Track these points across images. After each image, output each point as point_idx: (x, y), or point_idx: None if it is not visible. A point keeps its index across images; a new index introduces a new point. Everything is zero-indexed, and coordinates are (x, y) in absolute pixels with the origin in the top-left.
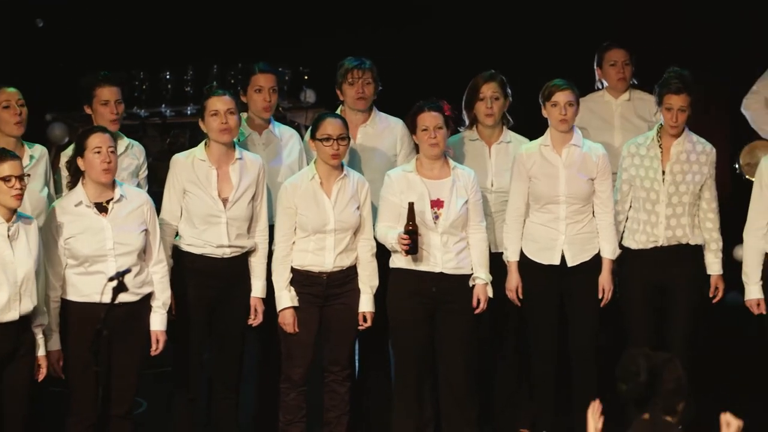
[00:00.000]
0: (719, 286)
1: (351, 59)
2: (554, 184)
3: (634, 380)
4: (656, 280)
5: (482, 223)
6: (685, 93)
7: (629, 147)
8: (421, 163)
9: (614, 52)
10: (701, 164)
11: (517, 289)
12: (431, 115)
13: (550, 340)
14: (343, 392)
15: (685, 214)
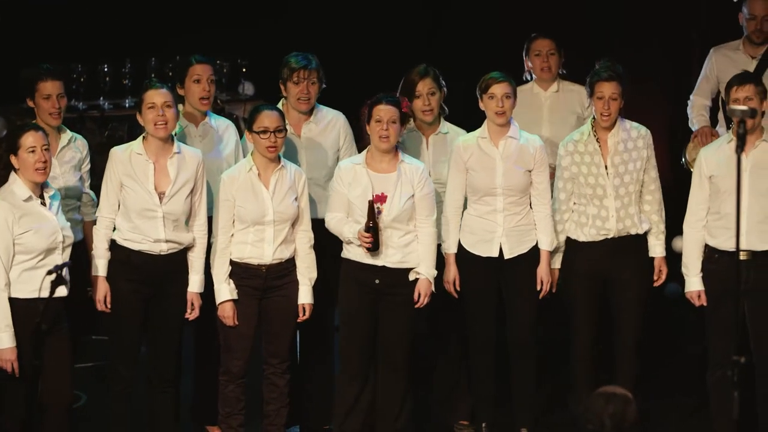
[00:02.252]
0: (662, 269)
1: (297, 57)
2: (491, 176)
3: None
4: (602, 271)
5: (430, 217)
6: (616, 81)
7: (566, 145)
8: (372, 155)
9: (539, 41)
10: (639, 149)
11: (455, 282)
12: (387, 108)
13: (489, 332)
14: (282, 385)
15: (632, 203)
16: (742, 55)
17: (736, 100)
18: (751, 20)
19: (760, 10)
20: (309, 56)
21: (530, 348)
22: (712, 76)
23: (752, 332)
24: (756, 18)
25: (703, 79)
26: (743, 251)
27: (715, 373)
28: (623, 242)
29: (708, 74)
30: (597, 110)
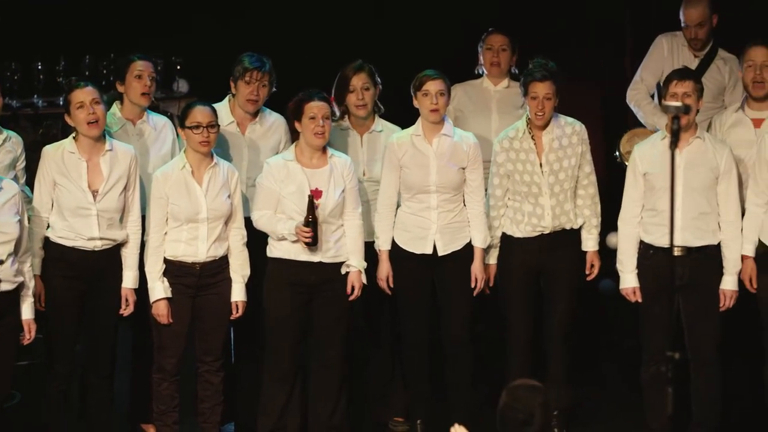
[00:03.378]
0: (594, 263)
1: (252, 58)
2: (425, 173)
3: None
4: (537, 266)
5: (358, 209)
6: (549, 81)
7: (502, 142)
8: (301, 151)
9: (493, 37)
10: (574, 146)
11: (388, 278)
12: (320, 104)
13: (423, 328)
14: (216, 382)
15: (567, 200)
16: (687, 53)
17: (673, 95)
18: (686, 29)
19: (692, 19)
20: (263, 59)
21: (465, 345)
22: (661, 60)
23: (686, 328)
24: (690, 27)
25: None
26: (678, 247)
27: (649, 368)
28: (558, 236)
29: (657, 59)
30: (531, 110)
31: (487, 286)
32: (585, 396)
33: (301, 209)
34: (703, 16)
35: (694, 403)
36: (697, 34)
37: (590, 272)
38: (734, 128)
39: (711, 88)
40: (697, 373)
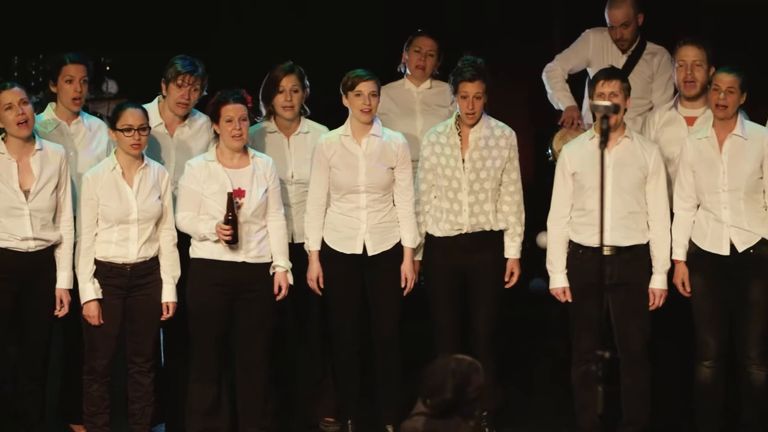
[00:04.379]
0: (515, 271)
1: (185, 62)
2: (354, 173)
3: (440, 397)
4: (460, 266)
5: (281, 210)
6: (479, 80)
7: (429, 136)
8: (222, 152)
9: (422, 39)
10: (501, 149)
11: (318, 279)
12: (236, 107)
13: (353, 328)
14: (147, 383)
15: (488, 200)
16: (615, 49)
17: (601, 95)
18: (612, 29)
19: (617, 19)
20: (196, 62)
21: (394, 344)
22: (583, 54)
23: (616, 327)
24: (615, 28)
25: (573, 52)
26: (607, 247)
27: (579, 368)
28: (479, 237)
29: (579, 51)
30: (462, 109)
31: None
32: (515, 396)
33: (224, 209)
34: (628, 17)
35: (624, 401)
36: (623, 35)
37: (510, 280)
38: (667, 126)
39: (640, 83)
40: (626, 372)
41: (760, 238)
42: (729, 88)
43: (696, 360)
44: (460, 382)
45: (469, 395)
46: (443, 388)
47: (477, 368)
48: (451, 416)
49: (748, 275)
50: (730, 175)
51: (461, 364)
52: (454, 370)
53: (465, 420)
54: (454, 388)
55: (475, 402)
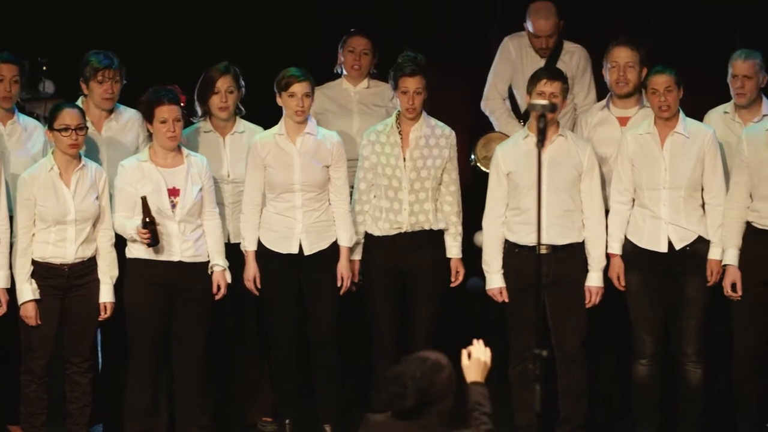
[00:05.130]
0: (459, 270)
1: (99, 57)
2: (289, 172)
3: (402, 404)
4: (399, 266)
5: (216, 209)
6: (419, 75)
7: (369, 135)
8: (155, 151)
9: (356, 39)
10: (441, 148)
11: (255, 279)
12: (170, 108)
13: (290, 328)
14: (84, 383)
15: (428, 199)
16: (532, 52)
17: (541, 94)
18: (536, 39)
19: (543, 31)
20: (110, 55)
21: (331, 343)
22: (510, 63)
23: (553, 325)
24: (540, 38)
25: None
26: (543, 245)
27: (517, 367)
28: (418, 237)
29: (507, 62)
30: (402, 105)
31: (353, 283)
32: None
33: (160, 208)
34: (554, 27)
35: (562, 400)
36: (548, 44)
37: (455, 279)
38: (600, 126)
39: None
40: (563, 370)
41: (697, 235)
42: (667, 88)
43: (633, 358)
44: (423, 385)
45: (436, 395)
46: (404, 396)
47: (440, 366)
48: (420, 417)
49: (685, 272)
50: (672, 173)
51: (423, 367)
52: (414, 374)
53: (432, 422)
54: (416, 394)
55: (443, 399)
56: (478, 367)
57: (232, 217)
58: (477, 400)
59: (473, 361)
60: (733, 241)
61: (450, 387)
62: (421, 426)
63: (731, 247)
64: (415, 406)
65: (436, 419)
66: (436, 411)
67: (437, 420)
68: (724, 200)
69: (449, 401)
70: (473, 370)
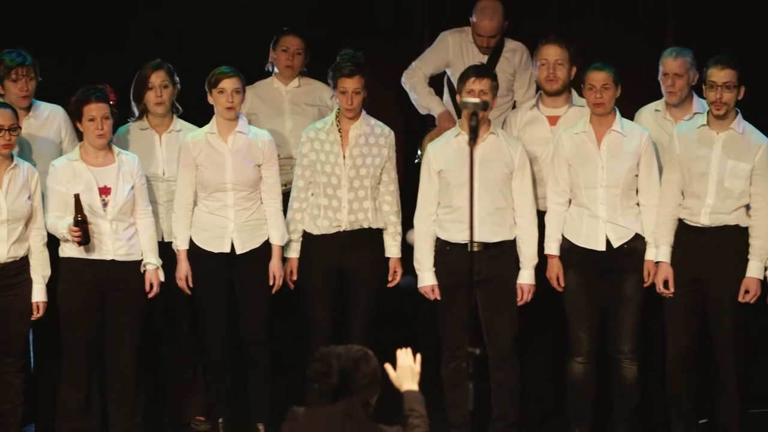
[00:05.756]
0: (397, 270)
1: (12, 55)
2: (221, 171)
3: (326, 381)
4: (337, 264)
5: (148, 207)
6: (358, 75)
7: (308, 132)
8: (86, 150)
9: (288, 38)
10: (380, 147)
11: (187, 278)
12: (98, 105)
13: (222, 327)
14: (17, 383)
15: (367, 197)
16: (475, 48)
17: (470, 92)
18: (480, 37)
19: (488, 31)
20: (23, 52)
21: (263, 342)
22: (443, 57)
23: (485, 323)
24: (483, 37)
25: (434, 55)
26: (475, 243)
27: (449, 365)
28: (357, 235)
29: (440, 54)
30: (341, 104)
31: (290, 281)
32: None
33: (92, 207)
34: (499, 27)
35: (494, 398)
36: (491, 43)
37: (393, 278)
38: (529, 126)
39: (503, 81)
40: (496, 368)
41: (634, 233)
42: (604, 85)
43: (568, 355)
44: (347, 366)
45: (358, 381)
46: (329, 373)
47: (367, 356)
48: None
49: (622, 270)
50: (609, 171)
51: (350, 351)
52: (341, 354)
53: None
54: (340, 372)
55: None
56: (407, 375)
57: (167, 216)
58: (411, 406)
59: (402, 370)
60: (666, 239)
61: (374, 379)
62: (346, 415)
63: (663, 244)
64: (338, 385)
65: (360, 408)
66: (361, 401)
67: (362, 409)
68: None
69: (372, 394)
70: (404, 380)
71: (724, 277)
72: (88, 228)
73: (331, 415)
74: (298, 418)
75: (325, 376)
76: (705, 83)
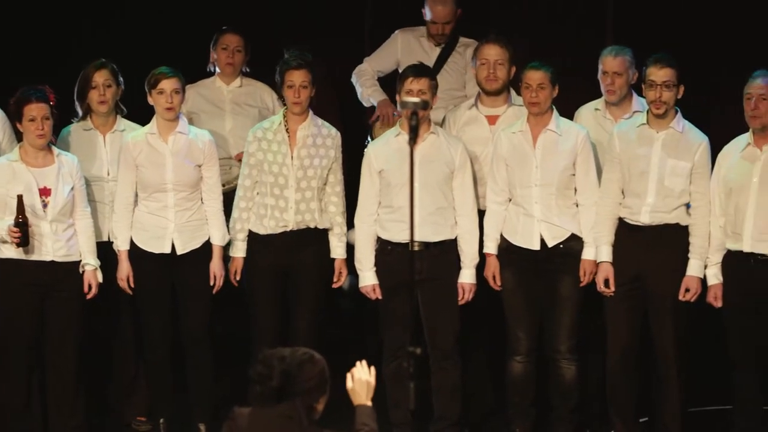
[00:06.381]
0: (342, 271)
1: None
2: (161, 172)
3: (267, 384)
4: (283, 264)
5: (87, 208)
6: (305, 69)
7: (255, 132)
8: (26, 151)
9: (228, 36)
10: (327, 148)
11: (129, 278)
12: (39, 105)
13: (163, 327)
14: None
15: (314, 198)
16: (426, 42)
17: (409, 92)
18: (433, 25)
19: (441, 17)
20: None
21: (204, 342)
22: (393, 55)
23: (426, 323)
24: (437, 24)
25: (384, 53)
26: (416, 243)
27: (390, 364)
28: (303, 235)
29: (390, 52)
30: (288, 99)
31: (234, 280)
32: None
33: (31, 208)
34: (452, 14)
35: (435, 397)
36: (444, 30)
37: (338, 279)
38: (468, 125)
39: (455, 75)
40: (437, 368)
41: (570, 233)
42: (540, 85)
43: (507, 355)
44: (290, 369)
45: (301, 385)
46: (270, 375)
47: (312, 359)
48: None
49: (558, 270)
50: (543, 170)
51: (295, 354)
52: (284, 357)
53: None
54: (281, 374)
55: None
56: (363, 389)
57: (112, 217)
58: (363, 420)
59: (357, 383)
60: (606, 238)
61: (319, 383)
62: (286, 417)
63: (604, 243)
64: (279, 388)
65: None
66: (304, 405)
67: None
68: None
69: (318, 398)
70: (358, 393)
71: (665, 276)
72: (29, 230)
73: (272, 417)
74: (236, 417)
75: (267, 378)
76: (644, 82)
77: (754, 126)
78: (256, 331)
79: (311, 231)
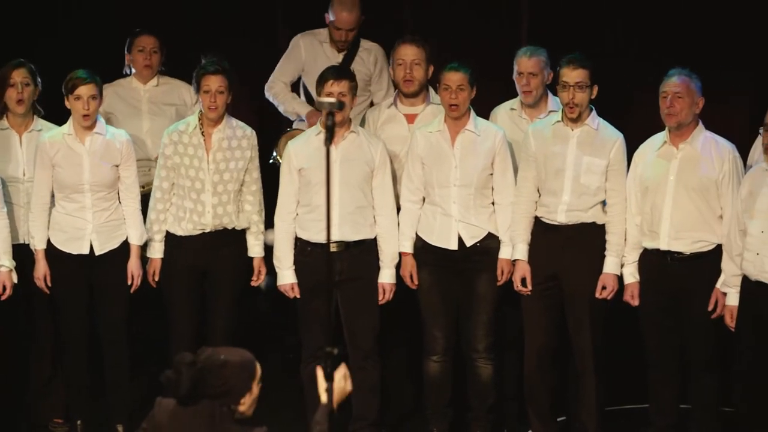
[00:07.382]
0: (261, 270)
1: None
2: (78, 172)
3: (176, 389)
4: (201, 265)
5: (3, 209)
6: (222, 74)
7: (171, 134)
8: None
9: (143, 38)
10: (243, 149)
11: (46, 278)
12: None
13: (80, 328)
14: None
15: (230, 201)
16: (329, 48)
17: (329, 94)
18: (337, 31)
19: (346, 24)
20: None
21: (120, 342)
22: (298, 62)
23: (345, 323)
24: (341, 30)
25: (289, 61)
26: (335, 242)
27: (309, 364)
28: (220, 235)
29: (295, 59)
30: (204, 104)
31: (153, 281)
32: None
33: None
34: (357, 21)
35: (354, 397)
36: (347, 36)
37: (258, 278)
38: (388, 124)
39: (358, 79)
40: (356, 367)
41: (487, 232)
42: (459, 86)
43: (424, 354)
44: (200, 375)
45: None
46: (178, 381)
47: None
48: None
49: (475, 269)
50: (462, 170)
51: (209, 358)
52: (195, 362)
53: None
54: (191, 380)
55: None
56: (336, 391)
57: (27, 218)
58: (317, 419)
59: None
60: (522, 236)
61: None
62: (208, 415)
63: (520, 242)
64: (187, 395)
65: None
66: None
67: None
68: None
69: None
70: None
71: (581, 274)
72: None
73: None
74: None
75: (176, 384)
76: (558, 83)
77: (670, 124)
78: (172, 332)
79: (229, 231)
